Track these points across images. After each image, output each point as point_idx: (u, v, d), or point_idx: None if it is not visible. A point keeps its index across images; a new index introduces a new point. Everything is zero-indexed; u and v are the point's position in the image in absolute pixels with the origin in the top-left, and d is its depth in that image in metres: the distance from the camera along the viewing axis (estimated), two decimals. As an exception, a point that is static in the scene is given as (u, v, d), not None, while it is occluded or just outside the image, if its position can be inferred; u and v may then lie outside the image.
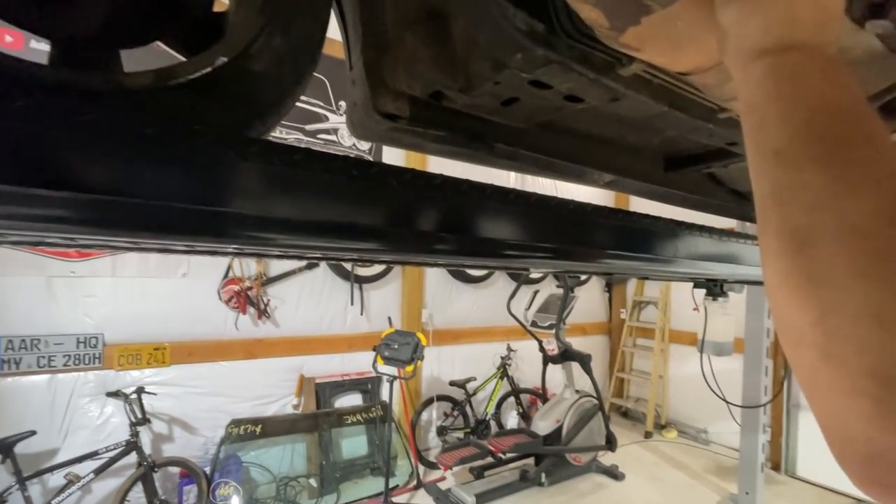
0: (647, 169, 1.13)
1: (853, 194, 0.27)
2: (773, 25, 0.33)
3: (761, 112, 0.33)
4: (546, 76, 0.55)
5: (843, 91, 0.31)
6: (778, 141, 0.31)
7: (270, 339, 3.87)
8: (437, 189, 0.54)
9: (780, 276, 0.29)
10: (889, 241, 0.26)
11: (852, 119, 0.30)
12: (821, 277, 0.27)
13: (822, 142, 0.30)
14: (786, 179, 0.30)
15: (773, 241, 0.30)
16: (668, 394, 5.71)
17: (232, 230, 0.38)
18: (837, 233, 0.27)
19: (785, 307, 0.29)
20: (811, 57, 0.32)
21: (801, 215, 0.29)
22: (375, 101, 0.74)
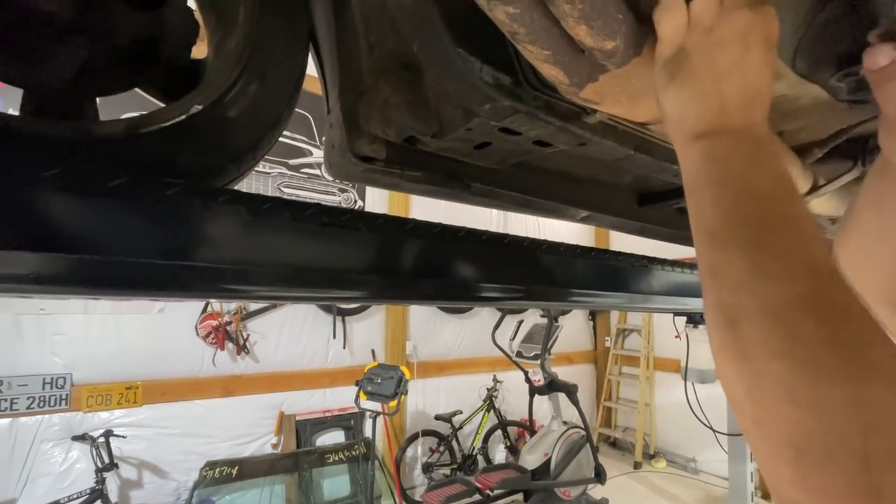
0: (620, 204, 1.16)
1: (769, 279, 0.30)
2: (704, 111, 0.37)
3: (698, 194, 0.36)
4: (514, 124, 0.57)
5: (768, 175, 0.34)
6: (711, 222, 0.34)
7: (249, 375, 3.76)
8: (409, 233, 0.54)
9: (716, 347, 0.31)
10: (799, 325, 0.28)
11: (773, 203, 0.33)
12: (746, 354, 0.29)
13: (745, 226, 0.32)
14: (717, 260, 0.33)
15: (710, 315, 0.32)
16: (656, 422, 5.67)
17: (198, 284, 0.38)
18: (756, 315, 0.29)
19: (723, 375, 0.30)
20: (740, 140, 0.36)
21: (729, 295, 0.31)
22: (352, 144, 0.75)
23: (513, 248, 0.68)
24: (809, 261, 0.31)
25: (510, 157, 0.76)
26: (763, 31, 0.37)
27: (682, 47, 0.37)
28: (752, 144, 0.36)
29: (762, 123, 0.37)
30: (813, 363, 0.27)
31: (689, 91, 0.37)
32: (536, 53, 0.41)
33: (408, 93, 0.63)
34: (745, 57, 0.36)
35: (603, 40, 0.38)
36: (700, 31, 0.37)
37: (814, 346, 0.27)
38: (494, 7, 0.38)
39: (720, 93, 0.36)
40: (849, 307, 0.29)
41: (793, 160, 0.68)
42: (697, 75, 0.37)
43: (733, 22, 0.36)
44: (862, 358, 0.27)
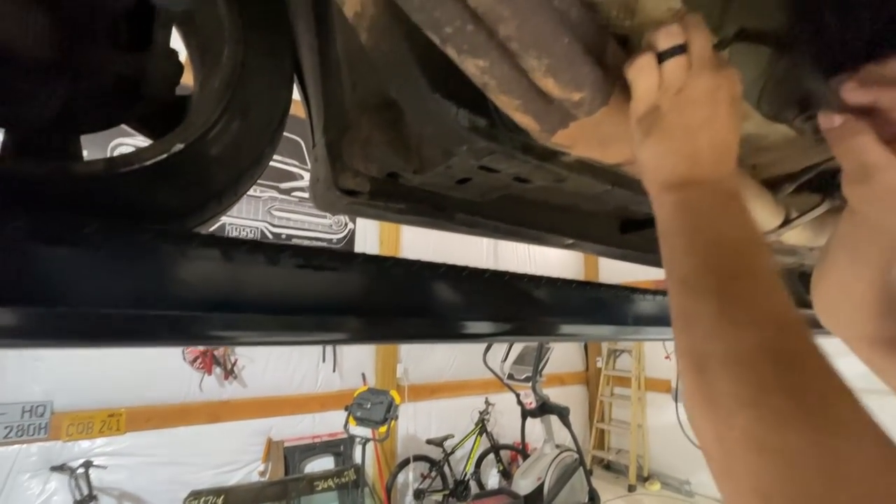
0: (603, 232, 1.17)
1: (737, 328, 0.31)
2: (677, 165, 0.39)
3: (671, 242, 0.38)
4: (492, 163, 0.58)
5: (736, 226, 0.36)
6: (683, 270, 0.36)
7: (237, 400, 3.68)
8: (387, 271, 0.55)
9: (687, 393, 0.32)
10: (766, 374, 0.29)
11: (741, 254, 0.35)
12: (715, 401, 0.30)
13: (715, 275, 0.34)
14: (688, 306, 0.34)
15: (681, 360, 0.33)
16: (649, 444, 5.62)
17: (171, 332, 0.38)
18: (725, 362, 0.30)
19: (693, 421, 0.31)
20: (711, 193, 0.38)
21: (699, 341, 0.32)
22: (336, 178, 0.76)
23: (494, 282, 0.68)
24: (775, 311, 0.32)
25: (492, 191, 0.77)
26: (728, 91, 0.39)
27: (656, 106, 0.39)
28: (722, 197, 0.38)
29: (731, 177, 0.39)
30: (778, 412, 0.27)
31: (663, 146, 0.39)
32: (507, 102, 0.42)
33: (389, 131, 0.64)
34: (714, 115, 0.39)
35: (571, 92, 0.40)
36: (672, 91, 0.39)
37: (779, 395, 0.28)
38: (465, 60, 0.39)
39: (692, 148, 0.39)
40: (812, 358, 0.30)
41: (765, 195, 0.70)
42: (670, 132, 0.39)
43: (701, 84, 0.38)
44: (825, 408, 0.28)
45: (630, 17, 0.44)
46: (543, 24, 0.36)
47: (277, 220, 3.84)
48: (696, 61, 0.38)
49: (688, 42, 0.38)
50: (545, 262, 5.59)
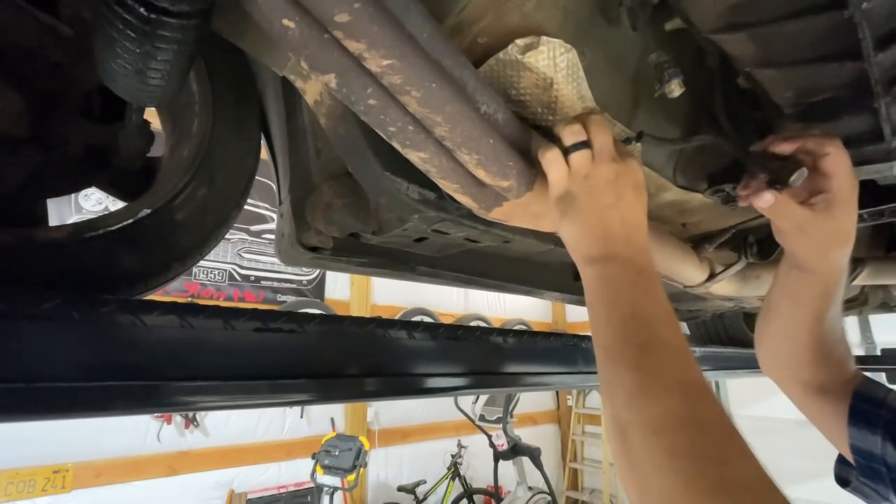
0: (557, 280, 1.25)
1: (649, 398, 0.36)
2: (593, 241, 0.45)
3: (595, 311, 0.43)
4: (443, 228, 0.64)
5: (648, 300, 0.41)
6: (605, 339, 0.40)
7: (197, 450, 3.48)
8: (343, 331, 0.58)
9: (613, 453, 0.36)
10: (675, 441, 0.33)
11: (652, 326, 0.40)
12: (635, 463, 0.34)
13: (630, 347, 0.38)
14: (611, 375, 0.39)
15: (606, 424, 0.38)
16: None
17: (125, 403, 0.40)
18: (641, 430, 0.35)
19: (621, 477, 0.35)
20: (626, 267, 0.43)
21: (620, 409, 0.37)
22: (300, 236, 0.80)
23: (450, 336, 0.72)
24: (682, 379, 0.36)
25: (448, 248, 0.82)
26: (629, 178, 0.46)
27: (568, 190, 0.46)
28: (634, 272, 0.43)
29: (643, 252, 0.45)
30: (685, 476, 0.31)
31: (578, 225, 0.45)
32: (447, 186, 0.48)
33: (349, 196, 0.70)
34: (619, 198, 0.45)
35: (499, 180, 0.46)
36: (580, 178, 0.45)
37: (685, 460, 0.32)
38: (408, 152, 0.45)
39: (604, 226, 0.44)
40: (714, 421, 0.34)
41: (690, 255, 0.78)
42: (583, 213, 0.45)
43: (603, 172, 0.45)
44: (725, 470, 0.32)
45: (552, 114, 0.51)
46: (472, 128, 0.42)
47: (247, 262, 3.79)
48: (598, 154, 0.45)
49: (590, 138, 0.45)
50: (514, 302, 5.66)
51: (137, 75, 0.37)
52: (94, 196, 3.18)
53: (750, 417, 4.48)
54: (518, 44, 0.45)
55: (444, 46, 0.40)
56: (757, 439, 2.17)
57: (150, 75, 0.36)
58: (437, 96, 0.39)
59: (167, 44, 0.33)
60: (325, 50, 0.35)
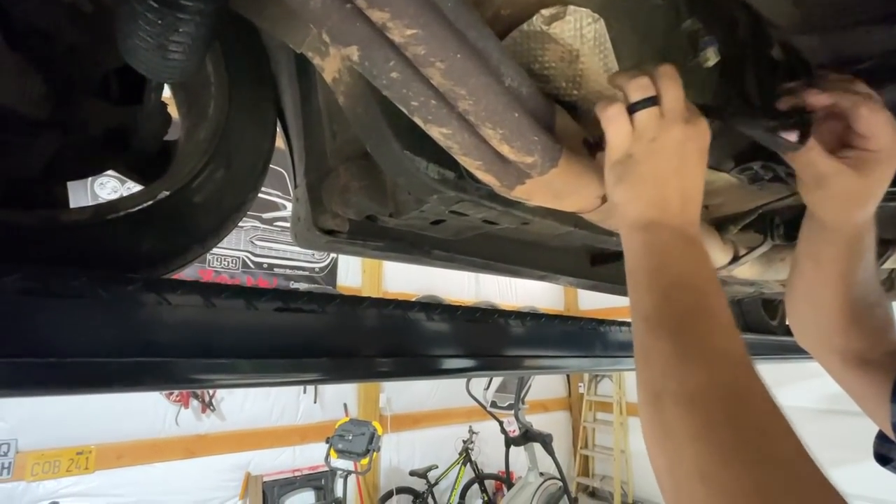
0: (574, 265, 1.23)
1: (690, 365, 0.34)
2: (647, 209, 0.42)
3: (636, 278, 0.41)
4: (461, 209, 0.63)
5: (695, 269, 0.40)
6: (645, 307, 0.39)
7: (214, 434, 3.57)
8: (363, 312, 0.58)
9: (644, 423, 0.35)
10: (715, 411, 0.32)
11: (698, 294, 0.38)
12: (669, 432, 0.33)
13: (673, 315, 0.37)
14: (648, 343, 0.37)
15: (640, 393, 0.36)
16: (633, 470, 5.59)
17: (154, 378, 0.40)
18: (678, 398, 0.33)
19: (650, 450, 0.34)
20: (676, 237, 0.41)
21: (657, 377, 0.35)
22: (316, 219, 0.80)
23: (468, 318, 0.72)
24: (725, 349, 0.35)
25: (464, 231, 0.82)
26: (697, 143, 0.42)
27: (629, 154, 0.42)
28: (684, 241, 0.41)
29: (695, 223, 0.43)
30: (722, 447, 0.30)
31: (634, 191, 0.43)
32: (469, 163, 0.47)
33: (365, 178, 0.69)
34: (683, 165, 0.42)
35: (524, 156, 0.45)
36: (645, 140, 0.41)
37: (724, 431, 0.31)
38: (430, 127, 0.44)
39: (661, 195, 0.42)
40: (757, 396, 0.33)
41: (715, 235, 0.76)
42: (642, 179, 0.42)
43: (672, 134, 0.41)
44: (766, 446, 0.30)
45: (577, 89, 0.50)
46: (496, 102, 0.41)
47: (259, 250, 3.83)
48: (668, 113, 0.41)
49: (659, 94, 0.41)
50: (525, 289, 5.65)
51: (158, 49, 0.36)
52: (110, 184, 3.22)
53: (764, 405, 4.43)
54: (543, 14, 0.44)
55: (469, 17, 0.38)
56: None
57: (170, 49, 0.36)
58: (462, 68, 0.38)
59: (189, 15, 0.33)
60: (347, 21, 0.34)
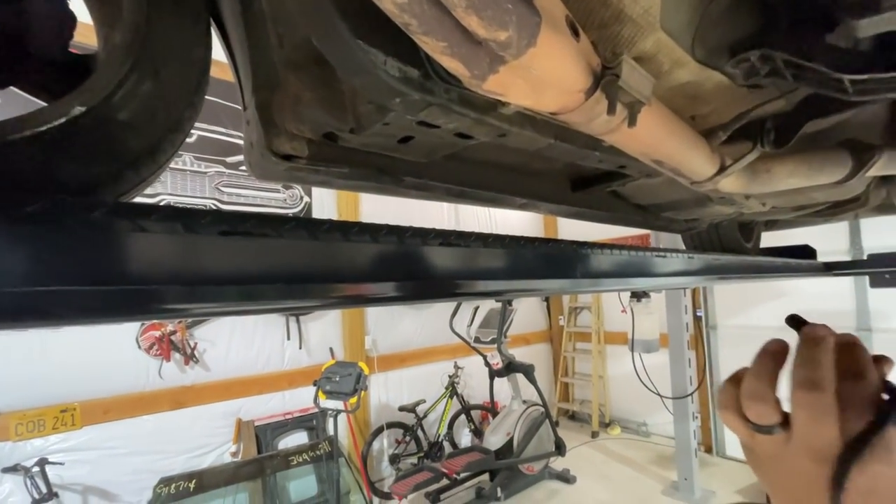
0: (554, 191, 1.18)
1: None
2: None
3: None
4: (430, 118, 0.56)
5: None
6: None
7: (201, 384, 3.59)
8: (324, 236, 0.52)
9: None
10: None
11: None
12: None
13: None
14: None
15: None
16: (610, 393, 5.97)
17: (124, 308, 0.35)
18: None
19: None
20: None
21: None
22: (270, 142, 0.72)
23: (444, 241, 0.67)
24: None
25: (437, 151, 0.75)
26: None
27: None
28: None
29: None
30: None
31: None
32: (432, 45, 0.40)
33: (320, 88, 0.60)
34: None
35: (496, 31, 0.38)
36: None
37: None
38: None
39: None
40: None
41: (702, 144, 0.71)
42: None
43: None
44: None
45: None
46: (461, -45, 0.33)
47: (227, 197, 3.65)
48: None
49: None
50: (505, 225, 5.66)
51: None
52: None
53: (736, 327, 4.70)
54: None
55: None
56: (745, 346, 2.25)
57: None
58: None
59: None
60: None
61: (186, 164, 3.45)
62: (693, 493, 3.88)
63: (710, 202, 1.32)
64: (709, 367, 4.77)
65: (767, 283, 4.36)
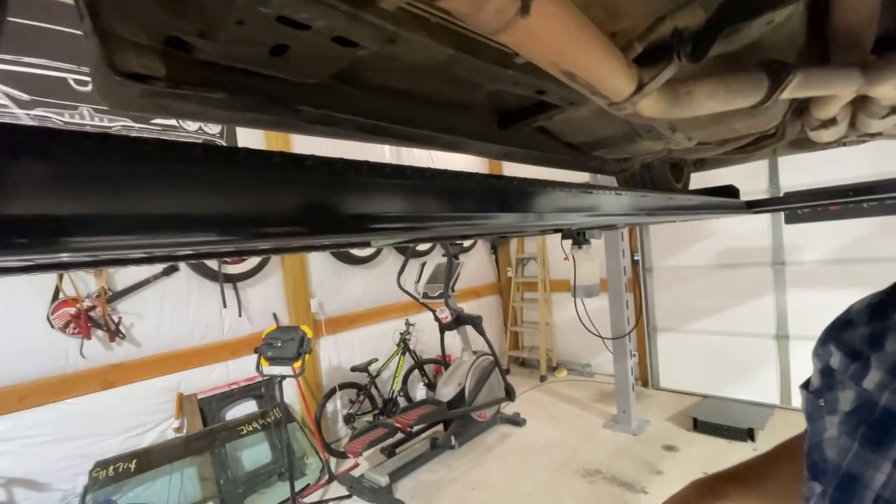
0: (479, 127, 1.10)
1: None
2: None
3: None
4: (289, 10, 0.45)
5: None
6: None
7: (132, 361, 3.36)
8: (240, 165, 0.42)
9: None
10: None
11: None
12: None
13: None
14: None
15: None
16: (556, 338, 6.26)
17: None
18: None
19: None
20: None
21: None
22: (112, 59, 0.58)
23: (381, 174, 0.58)
24: None
25: (323, 66, 0.64)
26: None
27: None
28: None
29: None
30: None
31: None
32: None
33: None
34: None
35: None
36: None
37: None
38: None
39: None
40: None
41: (619, 58, 0.65)
42: None
43: None
44: None
45: None
46: None
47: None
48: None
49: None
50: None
51: None
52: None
53: (669, 268, 4.98)
54: None
55: None
56: (677, 286, 2.38)
57: None
58: None
59: None
60: None
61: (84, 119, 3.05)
62: (630, 423, 4.21)
63: (638, 138, 1.30)
64: (645, 307, 5.08)
65: (697, 224, 4.62)
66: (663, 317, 5.05)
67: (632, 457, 3.73)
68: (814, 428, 0.52)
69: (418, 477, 3.74)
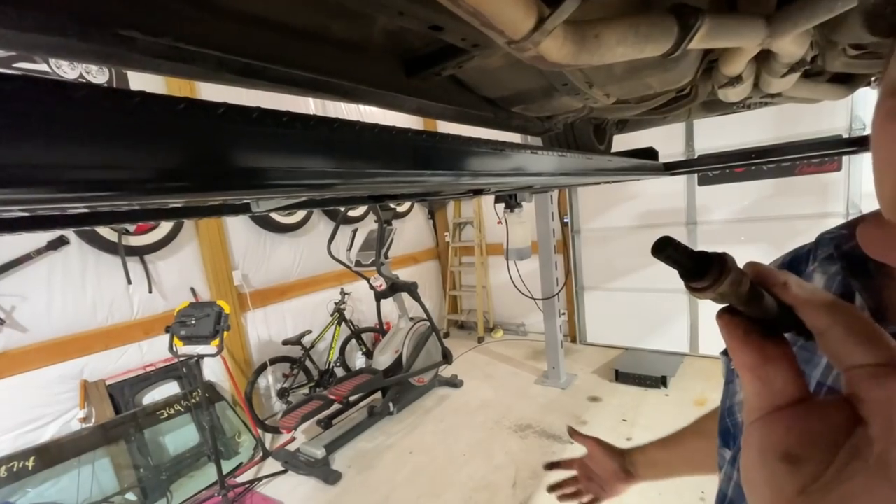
0: (384, 75, 0.98)
1: None
2: None
3: None
4: None
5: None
6: None
7: (18, 349, 2.96)
8: (134, 110, 0.28)
9: None
10: None
11: None
12: None
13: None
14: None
15: None
16: (492, 300, 6.41)
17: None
18: None
19: None
20: None
21: None
22: None
23: (304, 126, 0.46)
24: None
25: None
26: None
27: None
28: None
29: None
30: None
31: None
32: None
33: None
34: None
35: None
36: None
37: None
38: None
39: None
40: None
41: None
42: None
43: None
44: None
45: None
46: None
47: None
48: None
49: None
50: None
51: None
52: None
53: (595, 230, 5.19)
54: None
55: None
56: (603, 246, 2.43)
57: None
58: None
59: None
60: None
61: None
62: (559, 378, 4.44)
63: (556, 92, 1.25)
64: (574, 267, 5.30)
65: (621, 187, 4.81)
66: (590, 276, 5.30)
67: (560, 410, 3.95)
68: (727, 391, 0.52)
69: (356, 446, 3.73)
